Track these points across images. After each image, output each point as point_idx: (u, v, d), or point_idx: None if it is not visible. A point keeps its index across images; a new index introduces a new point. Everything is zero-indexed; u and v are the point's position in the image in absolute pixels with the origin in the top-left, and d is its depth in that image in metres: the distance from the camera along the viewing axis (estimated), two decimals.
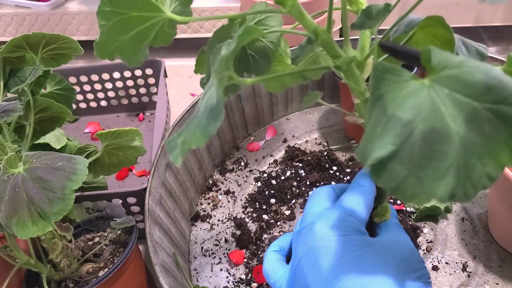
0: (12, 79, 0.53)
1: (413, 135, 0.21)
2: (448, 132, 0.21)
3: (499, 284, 0.55)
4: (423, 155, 0.21)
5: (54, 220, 0.39)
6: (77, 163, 0.41)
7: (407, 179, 0.21)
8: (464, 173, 0.21)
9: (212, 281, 0.59)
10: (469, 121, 0.21)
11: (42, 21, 1.12)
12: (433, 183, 0.21)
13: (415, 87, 0.22)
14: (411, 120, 0.21)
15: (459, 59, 0.22)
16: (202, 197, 0.72)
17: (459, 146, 0.21)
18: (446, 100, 0.21)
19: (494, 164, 0.21)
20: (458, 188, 0.21)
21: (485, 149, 0.21)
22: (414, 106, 0.21)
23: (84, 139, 0.89)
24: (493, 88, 0.21)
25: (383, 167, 0.21)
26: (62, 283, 0.52)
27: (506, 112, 0.21)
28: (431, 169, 0.21)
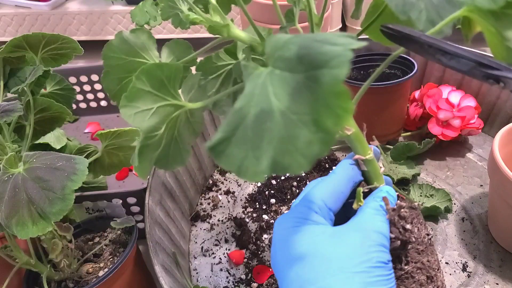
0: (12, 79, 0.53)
1: (246, 119, 0.22)
2: (271, 109, 0.22)
3: (499, 284, 0.55)
4: (256, 135, 0.22)
5: (54, 220, 0.39)
6: (77, 163, 0.41)
7: (246, 160, 0.22)
8: (289, 144, 0.21)
9: (212, 281, 0.59)
10: (293, 94, 0.22)
11: (42, 21, 1.12)
12: (260, 160, 0.22)
13: (256, 75, 0.24)
14: (241, 107, 0.23)
15: (285, 38, 0.24)
16: (202, 197, 0.72)
17: (280, 120, 0.21)
18: (275, 80, 0.22)
19: (317, 131, 0.21)
20: (282, 160, 0.21)
21: (307, 118, 0.21)
22: (247, 94, 0.23)
23: (84, 139, 0.89)
24: (303, 57, 0.22)
25: (222, 152, 0.23)
26: (62, 283, 0.52)
27: (316, 76, 0.21)
28: (259, 148, 0.22)
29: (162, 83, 0.30)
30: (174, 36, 1.09)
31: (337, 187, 0.34)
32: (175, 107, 0.31)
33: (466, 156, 0.75)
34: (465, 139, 0.78)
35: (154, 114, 0.30)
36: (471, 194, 0.68)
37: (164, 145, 0.32)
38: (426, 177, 0.71)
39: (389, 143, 0.76)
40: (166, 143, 0.32)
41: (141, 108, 0.29)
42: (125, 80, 0.36)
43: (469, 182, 0.70)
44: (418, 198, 0.66)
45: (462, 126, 0.71)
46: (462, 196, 0.67)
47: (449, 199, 0.65)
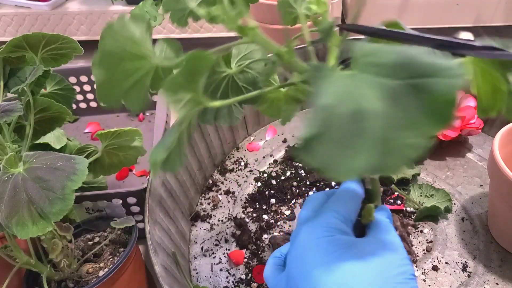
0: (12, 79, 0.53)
1: (336, 117, 0.23)
2: (370, 110, 0.22)
3: (499, 284, 0.55)
4: (347, 134, 0.22)
5: (54, 220, 0.39)
6: (77, 163, 0.41)
7: (334, 158, 0.23)
8: (385, 146, 0.22)
9: (212, 281, 0.59)
10: (390, 99, 0.22)
11: (42, 21, 1.12)
12: (355, 159, 0.22)
13: (341, 76, 0.24)
14: (332, 105, 0.23)
15: (376, 47, 0.25)
16: (202, 197, 0.72)
17: (377, 122, 0.22)
18: (368, 83, 0.23)
19: (418, 135, 0.22)
20: (379, 160, 0.22)
21: (407, 122, 0.22)
22: (336, 92, 0.23)
23: (84, 139, 0.89)
24: (406, 65, 0.22)
25: (310, 148, 0.23)
26: (62, 283, 0.52)
27: (421, 84, 0.22)
28: (354, 146, 0.22)
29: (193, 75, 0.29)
30: (174, 36, 1.09)
31: (354, 202, 0.35)
32: (196, 102, 0.30)
33: (466, 156, 0.75)
34: (465, 139, 0.78)
35: (183, 107, 0.29)
36: (471, 194, 0.68)
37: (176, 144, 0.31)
38: (426, 177, 0.71)
39: None
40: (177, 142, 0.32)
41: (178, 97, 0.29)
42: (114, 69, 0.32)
43: (469, 182, 0.70)
44: (418, 198, 0.66)
45: (462, 126, 0.71)
46: (462, 196, 0.67)
47: (449, 199, 0.65)
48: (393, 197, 0.66)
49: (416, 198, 0.66)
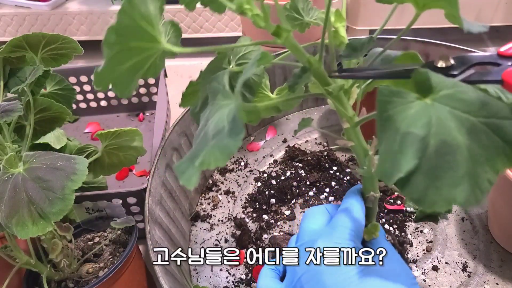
0: (12, 79, 0.53)
1: (429, 148, 0.24)
2: (457, 144, 0.23)
3: (499, 284, 0.55)
4: (438, 166, 0.24)
5: (54, 220, 0.39)
6: (77, 163, 0.41)
7: (428, 189, 0.24)
8: (474, 179, 0.23)
9: (212, 281, 0.59)
10: (470, 134, 0.24)
11: (42, 21, 1.12)
12: (451, 191, 0.23)
13: (421, 106, 0.25)
14: (424, 136, 0.24)
15: (452, 81, 0.26)
16: (202, 197, 0.72)
17: (467, 156, 0.23)
18: (448, 116, 0.24)
19: (492, 171, 0.23)
20: (472, 193, 0.23)
21: (484, 158, 0.23)
22: (424, 123, 0.24)
23: (84, 139, 0.89)
24: (487, 104, 0.24)
25: (408, 180, 0.24)
26: (62, 283, 0.52)
27: (498, 124, 0.24)
28: (447, 178, 0.23)
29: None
30: None
31: (361, 218, 0.36)
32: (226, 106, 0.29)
33: None
34: None
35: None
36: None
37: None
38: None
39: None
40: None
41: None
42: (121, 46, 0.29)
43: None
44: None
45: None
46: None
47: None
48: (393, 197, 0.66)
49: None
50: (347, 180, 0.71)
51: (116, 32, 0.28)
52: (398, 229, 0.62)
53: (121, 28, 0.28)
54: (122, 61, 0.29)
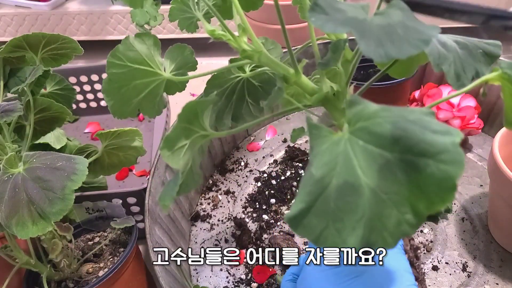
0: (12, 79, 0.53)
1: (328, 189, 0.22)
2: (359, 184, 0.21)
3: (499, 284, 0.55)
4: (338, 207, 0.22)
5: (54, 220, 0.39)
6: (77, 163, 0.41)
7: (326, 230, 0.22)
8: (378, 222, 0.21)
9: (212, 281, 0.59)
10: (383, 171, 0.21)
11: (42, 21, 1.12)
12: (347, 234, 0.21)
13: (333, 141, 0.23)
14: (323, 177, 0.22)
15: (373, 109, 0.23)
16: (202, 197, 0.72)
17: (370, 197, 0.21)
18: (359, 152, 0.22)
19: (412, 212, 0.21)
20: (373, 237, 0.21)
21: (401, 197, 0.21)
22: (327, 162, 0.22)
23: (84, 139, 0.89)
24: (399, 138, 0.21)
25: (299, 222, 0.22)
26: (62, 283, 0.52)
27: (413, 161, 0.21)
28: (346, 220, 0.22)
29: (196, 116, 0.30)
30: (173, 36, 1.09)
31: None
32: (202, 137, 0.31)
33: (466, 156, 0.75)
34: (465, 139, 0.77)
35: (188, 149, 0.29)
36: (471, 194, 0.68)
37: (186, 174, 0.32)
38: None
39: None
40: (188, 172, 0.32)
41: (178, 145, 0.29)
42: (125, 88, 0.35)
43: (469, 182, 0.70)
44: None
45: (462, 126, 0.71)
46: (462, 196, 0.67)
47: None
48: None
49: None
50: None
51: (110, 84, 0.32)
52: None
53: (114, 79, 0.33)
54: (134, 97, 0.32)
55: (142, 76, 0.33)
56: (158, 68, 0.34)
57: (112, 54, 0.34)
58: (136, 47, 0.34)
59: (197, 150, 0.33)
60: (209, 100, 0.30)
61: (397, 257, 0.34)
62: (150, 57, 0.34)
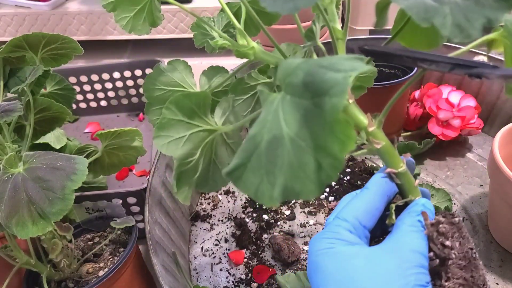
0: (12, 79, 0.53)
1: (260, 146, 0.23)
2: (282, 136, 0.22)
3: (499, 284, 0.55)
4: (269, 161, 0.22)
5: (54, 220, 0.39)
6: (77, 163, 0.41)
7: (262, 185, 0.23)
8: (298, 169, 0.21)
9: (212, 281, 0.59)
10: (302, 119, 0.22)
11: (42, 21, 1.12)
12: (274, 185, 0.22)
13: (270, 101, 0.24)
14: (255, 134, 0.23)
15: (296, 63, 0.24)
16: (202, 197, 0.72)
17: (290, 146, 0.22)
18: (286, 105, 0.23)
19: (330, 155, 0.21)
20: (295, 186, 0.22)
21: (317, 142, 0.21)
22: (261, 120, 0.23)
23: (84, 139, 0.89)
24: (309, 83, 0.22)
25: (239, 177, 0.23)
26: (62, 283, 0.52)
27: (321, 103, 0.21)
28: (273, 173, 0.22)
29: (192, 110, 0.31)
30: (173, 36, 1.08)
31: (371, 203, 0.32)
32: (208, 132, 0.32)
33: (466, 156, 0.75)
34: (465, 139, 0.78)
35: (188, 141, 0.31)
36: (471, 194, 0.68)
37: (202, 169, 0.33)
38: (426, 177, 0.71)
39: None
40: (204, 167, 0.33)
41: (174, 136, 0.30)
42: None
43: (469, 182, 0.70)
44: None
45: (462, 126, 0.71)
46: (462, 196, 0.67)
47: (449, 199, 0.65)
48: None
49: None
50: (347, 180, 0.71)
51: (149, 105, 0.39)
52: None
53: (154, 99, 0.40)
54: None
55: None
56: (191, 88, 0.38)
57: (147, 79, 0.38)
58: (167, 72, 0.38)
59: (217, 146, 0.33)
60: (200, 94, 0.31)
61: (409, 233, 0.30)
62: (182, 79, 0.38)
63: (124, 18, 0.37)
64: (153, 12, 0.38)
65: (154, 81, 0.38)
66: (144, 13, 0.38)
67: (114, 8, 0.37)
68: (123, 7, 0.37)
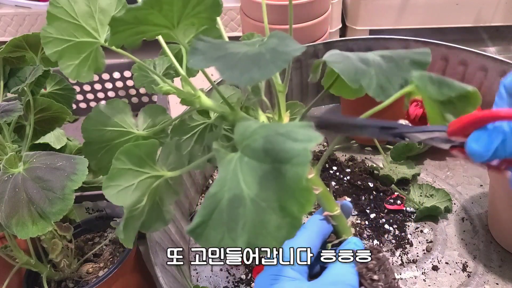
0: (12, 79, 0.53)
1: (221, 203, 0.24)
2: (242, 196, 0.24)
3: (499, 284, 0.55)
4: (230, 218, 0.24)
5: (54, 220, 0.39)
6: (77, 163, 0.41)
7: (224, 241, 0.24)
8: (260, 227, 0.23)
9: (212, 281, 0.59)
10: (261, 182, 0.24)
11: (42, 21, 1.12)
12: (236, 242, 0.24)
13: (227, 160, 0.26)
14: (215, 192, 0.25)
15: (253, 127, 0.26)
16: (202, 197, 0.72)
17: (251, 206, 0.23)
18: (245, 167, 0.24)
19: (289, 215, 0.23)
20: (258, 242, 0.23)
21: (277, 203, 0.23)
22: (220, 179, 0.25)
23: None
24: (268, 150, 0.24)
25: (200, 234, 0.25)
26: (62, 283, 0.52)
27: (279, 168, 0.23)
28: (234, 230, 0.24)
29: (141, 159, 0.33)
30: None
31: (309, 242, 0.35)
32: (155, 177, 0.34)
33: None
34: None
35: (136, 189, 0.32)
36: (471, 194, 0.68)
37: (147, 212, 0.35)
38: (426, 177, 0.71)
39: (389, 143, 0.76)
40: (149, 210, 0.35)
41: (123, 185, 0.32)
42: (104, 149, 0.39)
43: (469, 182, 0.70)
44: (418, 198, 0.66)
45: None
46: (462, 196, 0.67)
47: (449, 199, 0.65)
48: (393, 197, 0.66)
49: (416, 198, 0.66)
50: (347, 180, 0.71)
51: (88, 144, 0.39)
52: (398, 229, 0.62)
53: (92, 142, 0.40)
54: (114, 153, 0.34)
55: (118, 136, 0.38)
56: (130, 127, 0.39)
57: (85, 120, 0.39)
58: (106, 112, 0.39)
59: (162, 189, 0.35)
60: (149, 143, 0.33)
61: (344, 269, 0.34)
62: (121, 119, 0.39)
63: (69, 66, 0.37)
64: (97, 58, 0.39)
65: (93, 122, 0.39)
66: (89, 60, 0.38)
67: (60, 57, 0.36)
68: (68, 55, 0.37)
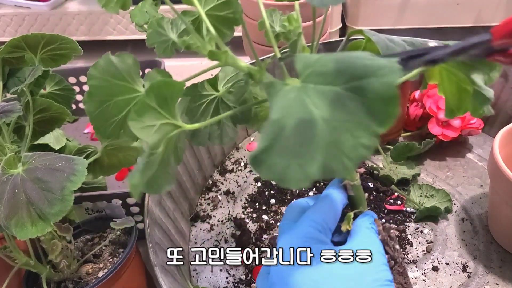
0: (12, 79, 0.53)
1: (286, 129, 0.24)
2: (313, 118, 0.23)
3: (499, 285, 0.55)
4: (298, 143, 0.23)
5: (53, 221, 0.39)
6: (77, 163, 0.41)
7: (289, 168, 0.23)
8: (335, 149, 0.23)
9: (212, 281, 0.59)
10: (334, 103, 0.23)
11: (41, 21, 1.12)
12: (309, 166, 0.23)
13: (286, 90, 0.26)
14: (280, 118, 0.24)
15: (316, 57, 0.26)
16: (202, 197, 0.72)
17: (324, 127, 0.23)
18: (312, 93, 0.24)
19: (364, 135, 0.23)
20: (333, 163, 0.23)
21: (354, 124, 0.23)
22: (283, 106, 0.25)
23: (83, 139, 0.89)
24: (343, 70, 0.24)
25: (264, 162, 0.24)
26: (62, 283, 0.52)
27: (359, 86, 0.23)
28: (306, 154, 0.23)
29: (165, 100, 0.31)
30: None
31: (334, 209, 0.36)
32: (174, 126, 0.32)
33: (466, 156, 0.75)
34: (465, 139, 0.77)
35: (157, 132, 0.31)
36: (471, 194, 0.68)
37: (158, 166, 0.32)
38: (426, 177, 0.71)
39: (389, 143, 0.76)
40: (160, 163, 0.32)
41: (146, 123, 0.30)
42: (106, 104, 0.36)
43: (469, 182, 0.70)
44: (418, 198, 0.66)
45: (462, 126, 0.71)
46: (462, 196, 0.67)
47: (449, 200, 0.65)
48: (393, 197, 0.66)
49: (416, 199, 0.66)
50: None
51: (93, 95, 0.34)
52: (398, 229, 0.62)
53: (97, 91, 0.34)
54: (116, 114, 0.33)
55: (123, 92, 0.34)
56: (136, 85, 0.35)
57: (93, 66, 0.34)
58: (116, 64, 0.35)
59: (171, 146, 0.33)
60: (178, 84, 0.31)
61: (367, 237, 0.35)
62: (129, 74, 0.36)
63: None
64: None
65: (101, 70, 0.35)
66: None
67: None
68: None
